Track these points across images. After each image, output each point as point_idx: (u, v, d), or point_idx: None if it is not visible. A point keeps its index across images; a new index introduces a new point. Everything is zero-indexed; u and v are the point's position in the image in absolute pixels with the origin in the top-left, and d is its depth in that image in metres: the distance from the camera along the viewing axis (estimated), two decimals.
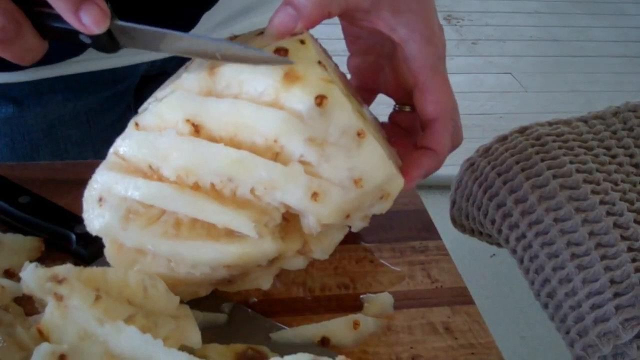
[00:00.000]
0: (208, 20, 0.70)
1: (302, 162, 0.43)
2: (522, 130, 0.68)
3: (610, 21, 3.12)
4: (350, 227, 0.52)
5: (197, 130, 0.43)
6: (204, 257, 0.44)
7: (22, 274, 0.42)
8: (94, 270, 0.43)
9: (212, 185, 0.43)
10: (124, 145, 0.44)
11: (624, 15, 3.18)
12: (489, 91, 2.50)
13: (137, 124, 0.45)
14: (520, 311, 1.57)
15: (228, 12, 0.73)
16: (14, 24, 0.43)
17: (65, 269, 0.42)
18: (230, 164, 0.42)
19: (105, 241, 0.46)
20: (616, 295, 0.54)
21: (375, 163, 0.45)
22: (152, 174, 0.44)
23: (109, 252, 0.46)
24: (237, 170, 0.42)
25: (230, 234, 0.44)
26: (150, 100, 0.47)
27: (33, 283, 0.41)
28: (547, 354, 1.50)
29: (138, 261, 0.45)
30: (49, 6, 0.43)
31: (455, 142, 0.54)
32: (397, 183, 0.48)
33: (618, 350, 0.55)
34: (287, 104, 0.42)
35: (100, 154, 0.48)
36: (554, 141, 0.66)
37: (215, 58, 0.44)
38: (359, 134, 0.44)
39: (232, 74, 0.43)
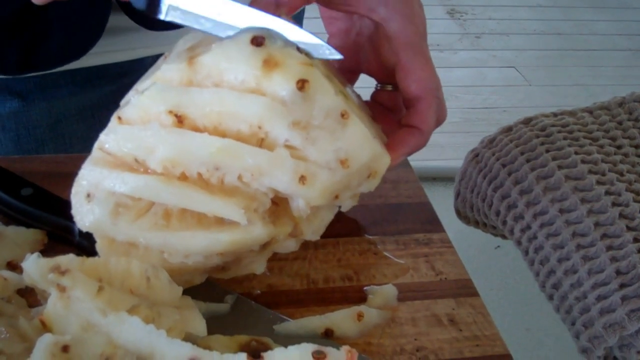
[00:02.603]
0: None
1: (288, 147, 0.43)
2: (527, 121, 0.68)
3: (614, 14, 3.11)
4: (340, 207, 0.52)
5: (180, 120, 0.43)
6: (196, 246, 0.44)
7: (24, 265, 0.42)
8: (96, 261, 0.43)
9: (199, 174, 0.43)
10: (108, 141, 0.44)
11: (628, 9, 3.17)
12: (492, 85, 2.49)
13: (119, 118, 0.44)
14: (525, 303, 1.56)
15: None
16: None
17: (68, 260, 0.42)
18: (216, 153, 0.42)
19: (96, 236, 0.46)
20: (622, 286, 0.54)
21: (360, 142, 0.45)
22: (138, 167, 0.44)
23: (100, 247, 0.46)
24: (223, 159, 0.43)
25: (220, 222, 0.44)
26: (131, 92, 0.47)
27: (35, 274, 0.41)
28: (552, 345, 1.50)
29: (130, 254, 0.45)
30: None
31: (440, 118, 0.54)
32: (384, 161, 0.48)
33: (624, 342, 0.54)
34: (269, 90, 0.42)
35: None
36: (559, 132, 0.65)
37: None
38: (342, 115, 0.44)
39: (212, 63, 0.43)
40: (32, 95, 0.69)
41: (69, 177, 0.57)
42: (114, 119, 0.45)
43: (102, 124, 0.74)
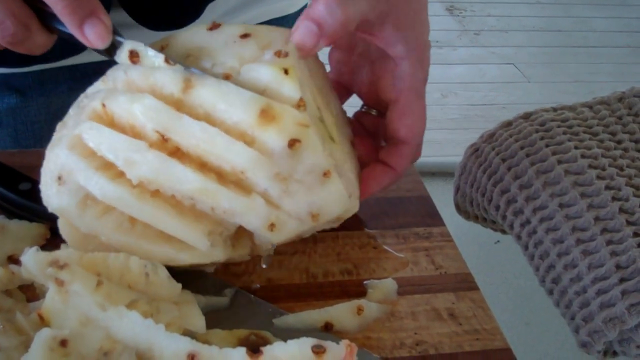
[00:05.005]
0: (213, 10, 0.69)
1: (264, 194, 0.44)
2: (527, 116, 0.68)
3: (613, 11, 3.10)
4: None
5: (165, 140, 0.43)
6: (156, 258, 0.45)
7: (23, 259, 0.41)
8: (95, 256, 0.42)
9: (173, 195, 0.44)
10: (91, 138, 0.43)
11: (627, 6, 3.17)
12: (491, 82, 2.49)
13: (104, 105, 0.44)
14: (524, 297, 1.57)
15: (233, 2, 0.73)
16: (23, 28, 0.44)
17: (66, 254, 0.41)
18: (195, 190, 0.43)
19: (59, 216, 0.46)
20: (622, 280, 0.54)
21: (335, 201, 0.46)
22: (112, 167, 0.43)
23: (63, 228, 0.46)
24: (200, 196, 0.43)
25: None
26: (120, 73, 0.46)
27: (34, 268, 0.41)
28: (551, 340, 1.50)
29: (92, 242, 0.45)
30: None
31: (415, 158, 0.55)
32: (352, 210, 0.50)
33: (624, 336, 0.54)
34: (260, 139, 0.42)
35: None
36: (559, 127, 0.65)
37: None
38: (325, 174, 0.44)
39: (208, 100, 0.43)
40: (30, 91, 0.69)
41: None
42: (97, 100, 0.44)
43: None
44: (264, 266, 0.52)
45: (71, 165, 0.44)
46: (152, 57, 0.45)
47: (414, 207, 0.59)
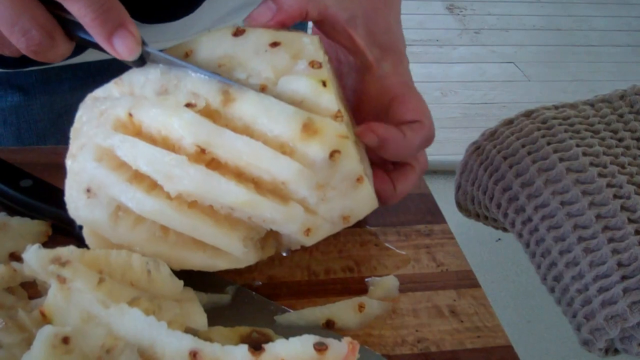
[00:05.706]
0: (212, 10, 0.69)
1: (302, 201, 0.44)
2: (528, 114, 0.68)
3: (613, 10, 3.10)
4: None
5: (203, 152, 0.43)
6: (191, 265, 0.45)
7: (25, 256, 0.41)
8: (96, 253, 0.42)
9: (211, 206, 0.44)
10: (126, 152, 0.43)
11: (627, 5, 3.17)
12: (491, 80, 2.49)
13: (131, 115, 0.44)
14: (526, 295, 1.57)
15: (233, 3, 0.73)
16: (49, 38, 0.44)
17: (68, 251, 0.41)
18: (239, 204, 0.43)
19: (85, 226, 0.46)
20: (624, 278, 0.54)
21: (365, 203, 0.48)
22: (144, 178, 0.43)
23: (89, 239, 0.46)
24: (243, 209, 0.43)
25: None
26: (140, 77, 0.45)
27: (36, 265, 0.41)
28: (553, 337, 1.50)
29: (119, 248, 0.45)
30: None
31: (430, 140, 0.55)
32: (373, 209, 0.50)
33: (625, 334, 0.54)
34: (301, 151, 0.43)
35: None
36: (560, 124, 0.65)
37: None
38: (358, 179, 0.46)
39: (249, 113, 0.43)
40: (33, 90, 0.69)
41: None
42: (123, 109, 0.44)
43: None
44: (284, 254, 0.52)
45: (101, 178, 0.43)
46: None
47: (415, 204, 0.59)
